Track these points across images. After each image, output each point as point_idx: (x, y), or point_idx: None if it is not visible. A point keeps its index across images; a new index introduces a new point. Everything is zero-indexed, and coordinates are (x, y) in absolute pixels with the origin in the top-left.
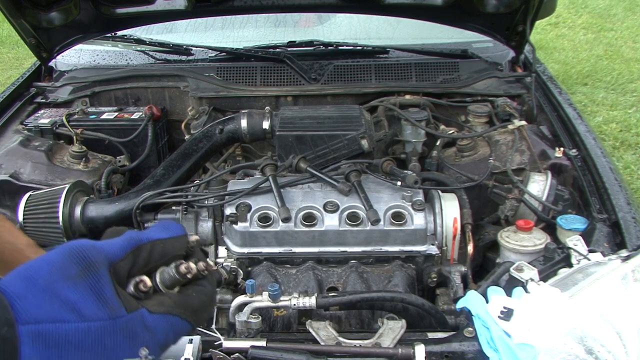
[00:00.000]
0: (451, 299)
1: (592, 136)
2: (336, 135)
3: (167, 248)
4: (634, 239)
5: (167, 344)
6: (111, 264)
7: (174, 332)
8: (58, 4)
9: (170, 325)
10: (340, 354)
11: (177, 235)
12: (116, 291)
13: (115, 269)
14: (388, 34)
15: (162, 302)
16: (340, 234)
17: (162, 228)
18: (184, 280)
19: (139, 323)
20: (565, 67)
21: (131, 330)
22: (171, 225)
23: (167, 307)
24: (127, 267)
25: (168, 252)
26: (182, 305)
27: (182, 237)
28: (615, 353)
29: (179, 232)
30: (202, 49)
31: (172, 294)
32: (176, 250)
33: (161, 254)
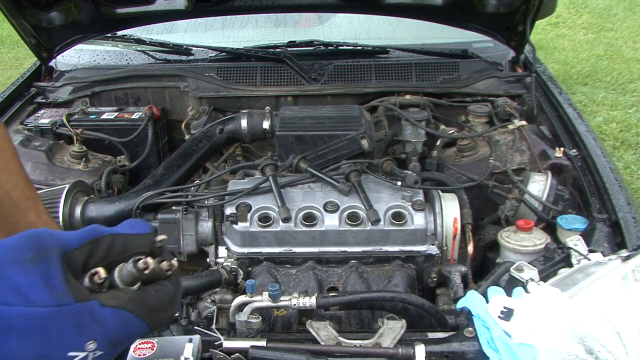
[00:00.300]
0: (451, 299)
1: (592, 136)
2: (336, 135)
3: (129, 244)
4: (634, 239)
5: (119, 341)
6: (65, 252)
7: (126, 329)
8: (58, 4)
9: (122, 321)
10: (341, 354)
11: (142, 232)
12: (66, 279)
13: (69, 258)
14: (388, 34)
15: (116, 297)
16: (340, 234)
17: (128, 225)
18: (143, 277)
19: (87, 314)
20: (565, 67)
21: (78, 320)
22: (138, 223)
23: (121, 301)
24: (82, 257)
25: (130, 248)
26: (137, 302)
27: (147, 235)
28: (615, 353)
29: (145, 230)
30: (202, 49)
31: (129, 290)
32: (139, 247)
33: (122, 249)
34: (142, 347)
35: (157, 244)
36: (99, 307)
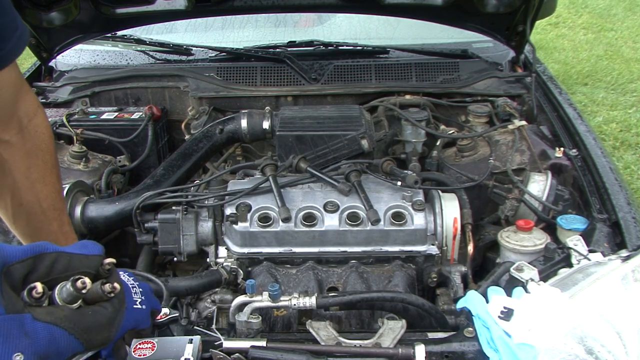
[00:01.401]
0: (451, 299)
1: (592, 136)
2: (336, 135)
3: (74, 263)
4: (634, 239)
5: (48, 356)
6: (5, 265)
7: (56, 345)
8: (58, 4)
9: (53, 336)
10: (340, 354)
11: (89, 254)
12: (0, 289)
13: (9, 270)
14: (388, 34)
15: (51, 313)
16: (340, 234)
17: (78, 246)
18: (81, 297)
19: (17, 326)
20: (565, 67)
21: (6, 331)
22: (89, 245)
23: (55, 318)
24: (23, 270)
25: (74, 267)
26: (72, 320)
27: (94, 257)
28: (615, 353)
29: (94, 251)
30: (202, 49)
31: (66, 308)
32: (84, 267)
33: (65, 267)
34: (142, 348)
35: (105, 267)
36: (31, 321)
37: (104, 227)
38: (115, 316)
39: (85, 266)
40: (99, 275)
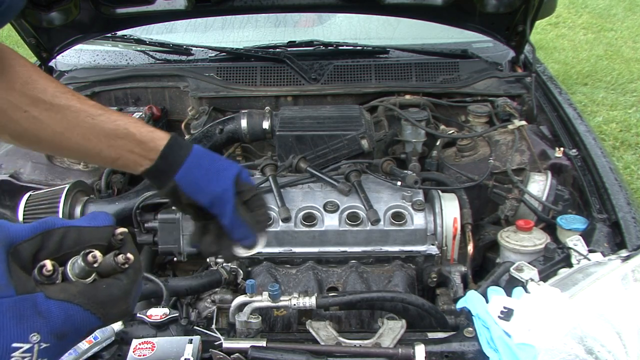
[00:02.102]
0: (451, 299)
1: (592, 136)
2: (336, 135)
3: (84, 236)
4: (634, 239)
5: (65, 333)
6: (12, 244)
7: (72, 322)
8: (58, 4)
9: (68, 314)
10: (340, 354)
11: (100, 225)
12: (8, 270)
13: (17, 250)
14: (388, 34)
15: (64, 290)
16: (340, 234)
17: (88, 218)
18: (94, 270)
19: (29, 306)
20: (565, 67)
21: (19, 313)
22: (99, 216)
23: (68, 294)
24: (32, 249)
25: (84, 240)
26: (85, 295)
27: (105, 228)
28: (615, 353)
29: (105, 222)
30: (202, 49)
31: (79, 283)
32: (95, 240)
33: (75, 242)
34: (142, 348)
35: (117, 237)
36: (44, 299)
37: None
38: (132, 287)
39: (96, 238)
40: (112, 246)
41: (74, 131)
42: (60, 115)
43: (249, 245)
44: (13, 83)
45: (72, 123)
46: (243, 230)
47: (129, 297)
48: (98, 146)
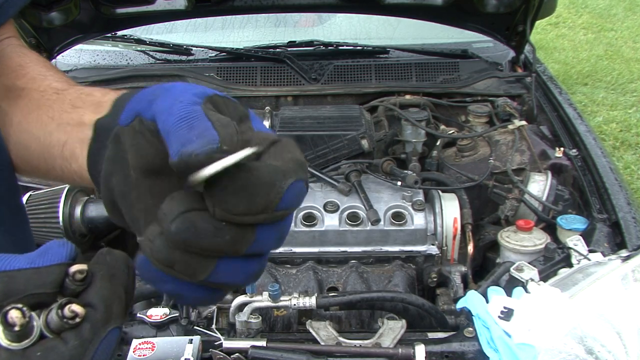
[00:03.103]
0: (451, 299)
1: (592, 136)
2: (336, 135)
3: (16, 284)
4: (634, 239)
5: None
6: None
7: None
8: (58, 4)
9: None
10: (340, 354)
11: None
12: None
13: None
14: (388, 34)
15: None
16: (340, 234)
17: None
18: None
19: None
20: (565, 67)
21: None
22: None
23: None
24: None
25: (17, 290)
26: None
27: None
28: (615, 353)
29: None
30: (202, 49)
31: (5, 352)
32: (33, 288)
33: (4, 292)
34: (142, 348)
35: (76, 277)
36: None
37: (104, 227)
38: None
39: (35, 285)
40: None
41: (32, 115)
42: (27, 99)
43: (194, 148)
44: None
45: (34, 105)
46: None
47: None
48: (49, 126)
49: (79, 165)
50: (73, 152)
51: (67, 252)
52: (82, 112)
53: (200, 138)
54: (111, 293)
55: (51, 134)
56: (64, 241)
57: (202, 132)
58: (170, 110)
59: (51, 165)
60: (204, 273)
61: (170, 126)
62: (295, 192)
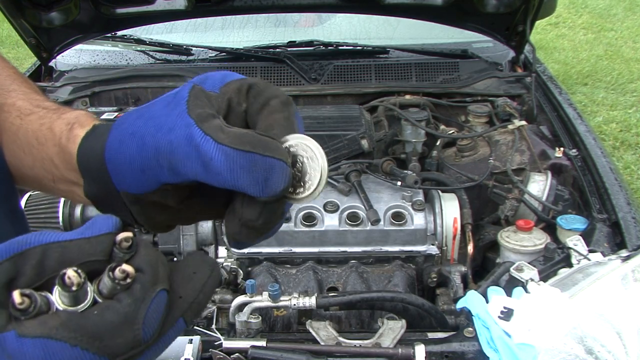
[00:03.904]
0: (451, 299)
1: (592, 136)
2: (336, 135)
3: (70, 253)
4: (634, 239)
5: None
6: None
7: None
8: (58, 4)
9: (48, 353)
10: (340, 354)
11: (93, 235)
12: None
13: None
14: (388, 34)
15: (44, 323)
16: (340, 234)
17: (83, 228)
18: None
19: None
20: (565, 67)
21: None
22: (96, 223)
23: (47, 329)
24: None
25: (71, 259)
26: (71, 326)
27: (99, 238)
28: (615, 353)
29: (101, 230)
30: (202, 49)
31: (64, 313)
32: (85, 256)
33: (59, 262)
34: None
35: (122, 245)
36: (15, 338)
37: None
38: (136, 309)
39: (87, 254)
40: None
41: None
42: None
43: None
44: None
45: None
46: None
47: (135, 321)
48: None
49: (82, 198)
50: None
51: (113, 223)
52: (50, 153)
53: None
54: (155, 258)
55: (32, 168)
56: (109, 215)
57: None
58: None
59: (47, 190)
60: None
61: (232, 181)
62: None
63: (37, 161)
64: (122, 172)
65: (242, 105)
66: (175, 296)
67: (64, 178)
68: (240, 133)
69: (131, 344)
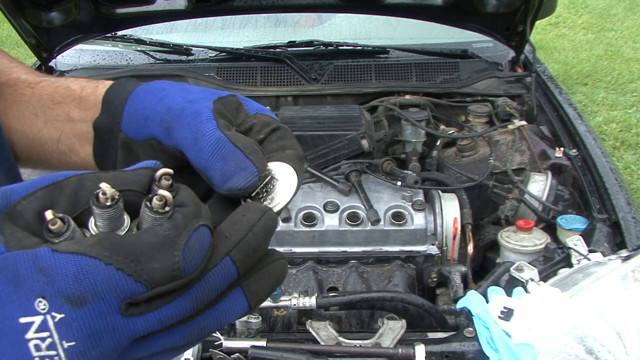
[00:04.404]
0: (451, 299)
1: (592, 136)
2: (336, 135)
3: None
4: (634, 239)
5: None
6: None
7: (89, 282)
8: (58, 4)
9: (82, 270)
10: (340, 354)
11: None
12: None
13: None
14: (388, 34)
15: (79, 242)
16: (340, 234)
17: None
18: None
19: (27, 264)
20: (565, 67)
21: (12, 273)
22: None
23: (82, 246)
24: (36, 206)
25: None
26: (106, 245)
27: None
28: (615, 353)
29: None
30: (202, 49)
31: (101, 233)
32: (122, 185)
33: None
34: None
35: (162, 182)
36: (48, 254)
37: None
38: (177, 234)
39: (124, 183)
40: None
41: (9, 112)
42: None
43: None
44: None
45: (9, 101)
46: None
47: (176, 245)
48: (35, 124)
49: (81, 159)
50: (71, 147)
51: (153, 163)
52: (67, 109)
53: (241, 171)
54: (197, 198)
55: (40, 130)
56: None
57: (239, 164)
58: (198, 145)
59: (45, 159)
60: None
61: (206, 161)
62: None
63: (48, 121)
64: (131, 115)
65: (260, 136)
66: (221, 235)
67: (72, 132)
68: (242, 136)
69: (170, 273)
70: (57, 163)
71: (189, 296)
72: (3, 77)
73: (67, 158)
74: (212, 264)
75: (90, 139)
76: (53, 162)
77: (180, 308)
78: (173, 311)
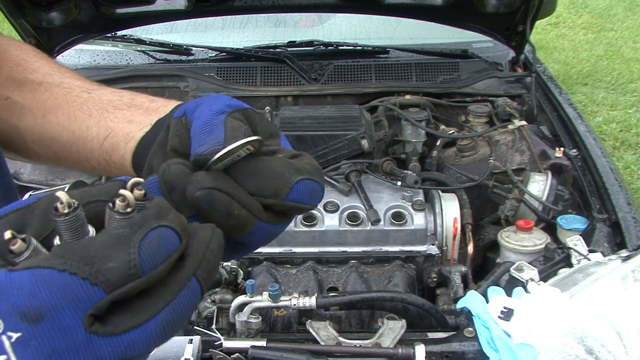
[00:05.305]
0: (451, 299)
1: (592, 136)
2: (336, 135)
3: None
4: (634, 239)
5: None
6: None
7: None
8: (58, 4)
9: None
10: (340, 354)
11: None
12: None
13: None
14: (388, 34)
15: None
16: (340, 234)
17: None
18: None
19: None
20: (565, 67)
21: None
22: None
23: (37, 260)
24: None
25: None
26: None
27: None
28: (615, 353)
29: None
30: (202, 49)
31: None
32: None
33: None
34: None
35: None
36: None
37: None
38: (131, 233)
39: (91, 195)
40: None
41: (59, 111)
42: (48, 94)
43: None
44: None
45: (60, 101)
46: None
47: (131, 242)
48: (86, 123)
49: (120, 156)
50: (115, 145)
51: (126, 177)
52: (128, 114)
53: (211, 140)
54: (168, 206)
55: (89, 128)
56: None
57: (216, 137)
58: (201, 116)
59: (85, 157)
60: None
61: (196, 130)
62: (306, 188)
63: (102, 121)
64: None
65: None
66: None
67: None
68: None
69: (127, 271)
70: (95, 162)
71: (159, 320)
72: (56, 79)
73: (107, 157)
74: (180, 283)
75: (136, 137)
76: (91, 161)
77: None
78: (142, 335)
